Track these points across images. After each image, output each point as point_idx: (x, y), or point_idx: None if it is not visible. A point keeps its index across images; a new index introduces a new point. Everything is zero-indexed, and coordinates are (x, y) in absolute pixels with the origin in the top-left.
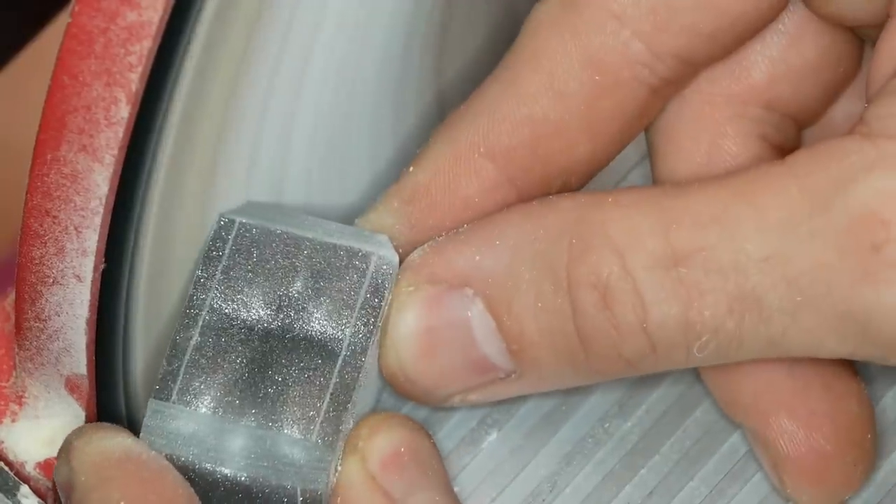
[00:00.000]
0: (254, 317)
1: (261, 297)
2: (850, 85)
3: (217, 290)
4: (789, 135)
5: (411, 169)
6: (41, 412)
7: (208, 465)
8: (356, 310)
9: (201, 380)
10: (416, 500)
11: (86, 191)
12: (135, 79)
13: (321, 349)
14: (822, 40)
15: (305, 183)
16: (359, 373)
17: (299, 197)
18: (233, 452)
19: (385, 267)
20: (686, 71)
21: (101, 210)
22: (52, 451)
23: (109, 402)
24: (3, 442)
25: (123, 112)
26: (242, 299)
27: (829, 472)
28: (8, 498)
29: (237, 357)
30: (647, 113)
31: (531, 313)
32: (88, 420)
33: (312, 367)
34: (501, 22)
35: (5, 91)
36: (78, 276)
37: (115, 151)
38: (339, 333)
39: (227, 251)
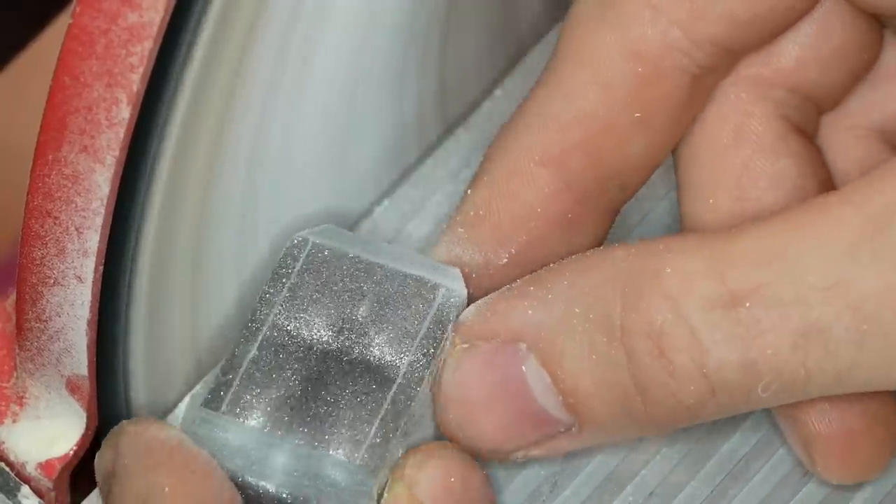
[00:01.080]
0: (314, 336)
1: (324, 318)
2: (869, 72)
3: (281, 307)
4: (810, 117)
5: (469, 191)
6: (42, 413)
7: (251, 479)
8: (417, 339)
9: (254, 393)
10: None
11: (87, 191)
12: (136, 80)
13: (377, 374)
14: (849, 27)
15: (306, 183)
16: (411, 401)
17: (299, 197)
18: (276, 468)
19: (452, 300)
20: (726, 58)
21: (103, 211)
22: (53, 452)
23: (110, 402)
24: (3, 442)
25: (124, 113)
26: (305, 318)
27: (859, 450)
28: (9, 498)
29: (292, 374)
30: (692, 103)
31: (585, 365)
32: (89, 421)
33: (366, 391)
34: (501, 22)
35: (6, 92)
36: (79, 277)
37: (117, 152)
38: (398, 360)
39: (296, 269)
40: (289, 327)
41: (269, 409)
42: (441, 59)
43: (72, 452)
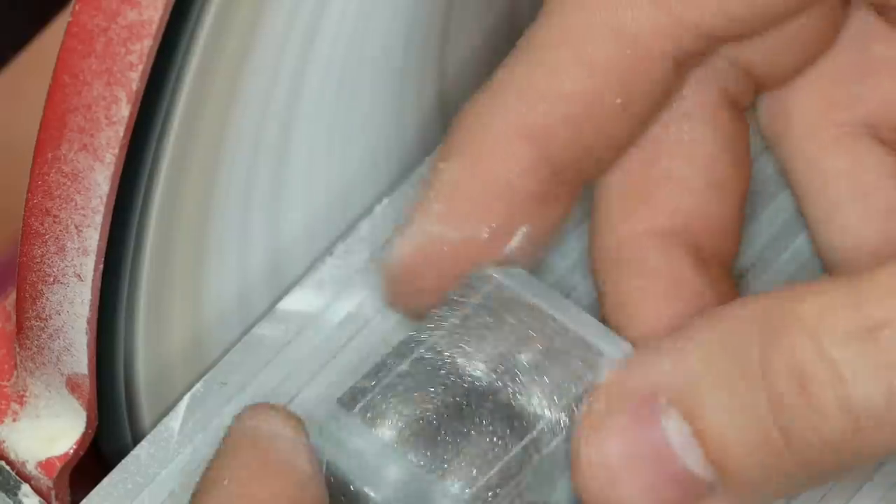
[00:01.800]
0: (469, 369)
1: (484, 354)
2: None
3: (446, 332)
4: (747, 93)
5: (442, 166)
6: (42, 411)
7: (360, 484)
8: (566, 398)
9: (390, 405)
10: None
11: (86, 190)
12: (135, 78)
13: (517, 421)
14: (812, 13)
15: (306, 182)
16: (540, 455)
17: (300, 196)
18: (387, 481)
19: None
20: (709, 45)
21: (102, 209)
22: (54, 451)
23: (111, 401)
24: (4, 441)
25: (124, 111)
26: (465, 349)
27: None
28: (9, 497)
29: (433, 398)
30: (671, 89)
31: (726, 412)
32: (89, 420)
33: (500, 434)
34: (501, 22)
35: (5, 91)
36: (79, 275)
37: (116, 150)
38: (541, 413)
39: (472, 302)
40: (446, 353)
41: (399, 424)
42: (441, 59)
43: (72, 451)
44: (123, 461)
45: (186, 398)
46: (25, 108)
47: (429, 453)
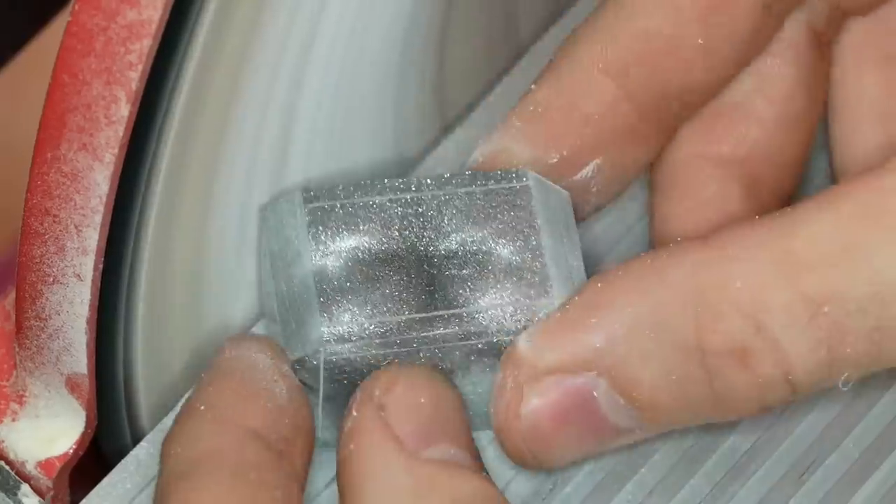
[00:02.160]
0: (429, 236)
1: (454, 234)
2: None
3: (444, 196)
4: (836, 27)
5: (532, 86)
6: (42, 411)
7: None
8: (503, 312)
9: (340, 223)
10: (431, 452)
11: (86, 189)
12: (135, 77)
13: (439, 295)
14: None
15: (306, 181)
16: (441, 336)
17: None
18: (290, 279)
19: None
20: None
21: (102, 209)
22: (53, 451)
23: (110, 401)
24: (3, 441)
25: (123, 110)
26: (445, 220)
27: None
28: (9, 497)
29: (382, 240)
30: (759, 35)
31: (663, 384)
32: (89, 419)
33: (412, 298)
34: (501, 22)
35: (5, 91)
36: (78, 275)
37: (116, 150)
38: (467, 305)
39: (489, 186)
40: (428, 213)
41: (334, 243)
42: (441, 59)
43: (71, 451)
44: (123, 461)
45: (186, 398)
46: (25, 108)
47: (335, 284)
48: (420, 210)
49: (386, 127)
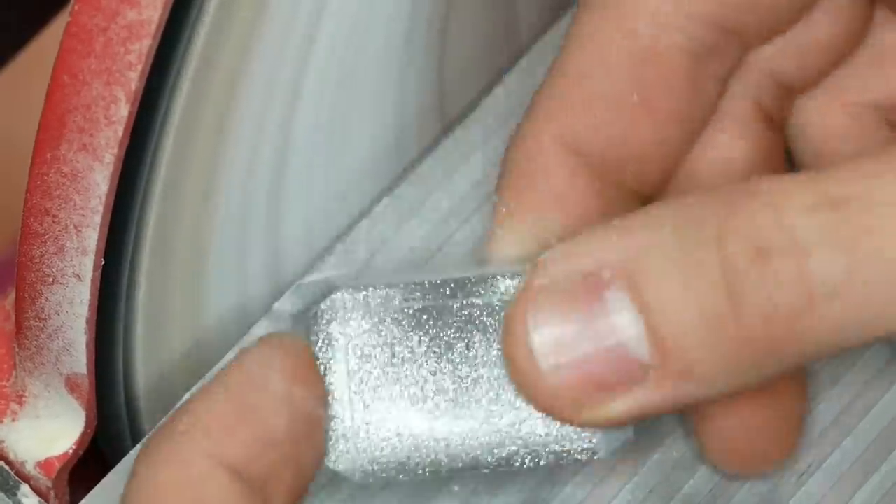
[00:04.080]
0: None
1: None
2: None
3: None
4: (783, 103)
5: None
6: (41, 411)
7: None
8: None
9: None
10: None
11: (86, 190)
12: (134, 77)
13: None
14: (837, 17)
15: (305, 182)
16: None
17: (299, 196)
18: None
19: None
20: (727, 41)
21: (101, 209)
22: (53, 451)
23: (110, 401)
24: (3, 441)
25: (123, 111)
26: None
27: (754, 442)
28: (8, 497)
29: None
30: (697, 89)
31: (676, 283)
32: (88, 420)
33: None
34: (501, 21)
35: (5, 91)
36: (78, 275)
37: (115, 150)
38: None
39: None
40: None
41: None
42: (441, 59)
43: (71, 451)
44: (123, 461)
45: (185, 398)
46: (25, 108)
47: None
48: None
49: (386, 127)
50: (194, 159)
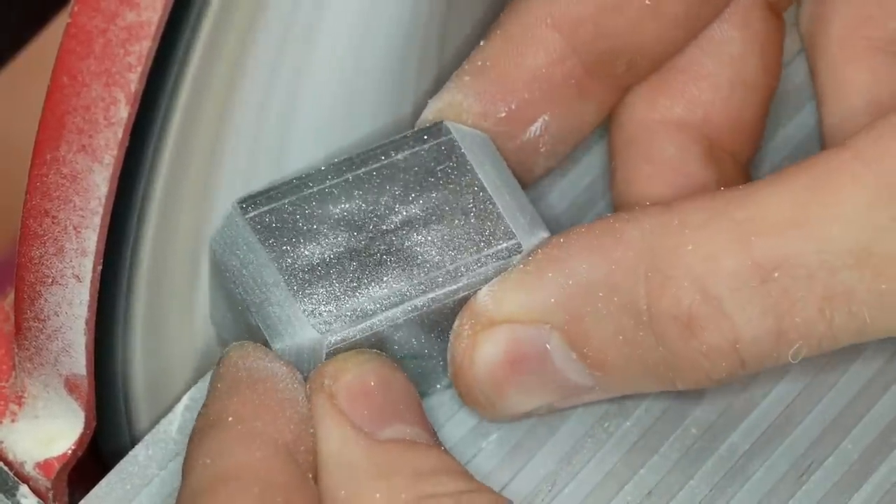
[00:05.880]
0: (377, 210)
1: (399, 202)
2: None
3: (380, 168)
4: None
5: (482, 43)
6: (41, 412)
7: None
8: (466, 266)
9: (287, 222)
10: (387, 433)
11: (85, 191)
12: (134, 79)
13: (413, 268)
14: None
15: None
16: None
17: None
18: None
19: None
20: None
21: (101, 210)
22: (52, 451)
23: (109, 402)
24: (2, 442)
25: (123, 112)
26: (385, 191)
27: None
28: (7, 498)
29: (332, 228)
30: None
31: (614, 345)
32: (88, 420)
33: (396, 279)
34: None
35: (5, 91)
36: (77, 276)
37: (115, 151)
38: (436, 265)
39: (417, 148)
40: (367, 190)
41: (289, 244)
42: (441, 59)
43: (70, 452)
44: (121, 462)
45: (184, 399)
46: (25, 109)
47: (307, 278)
48: (361, 191)
49: (386, 127)
50: (194, 159)
